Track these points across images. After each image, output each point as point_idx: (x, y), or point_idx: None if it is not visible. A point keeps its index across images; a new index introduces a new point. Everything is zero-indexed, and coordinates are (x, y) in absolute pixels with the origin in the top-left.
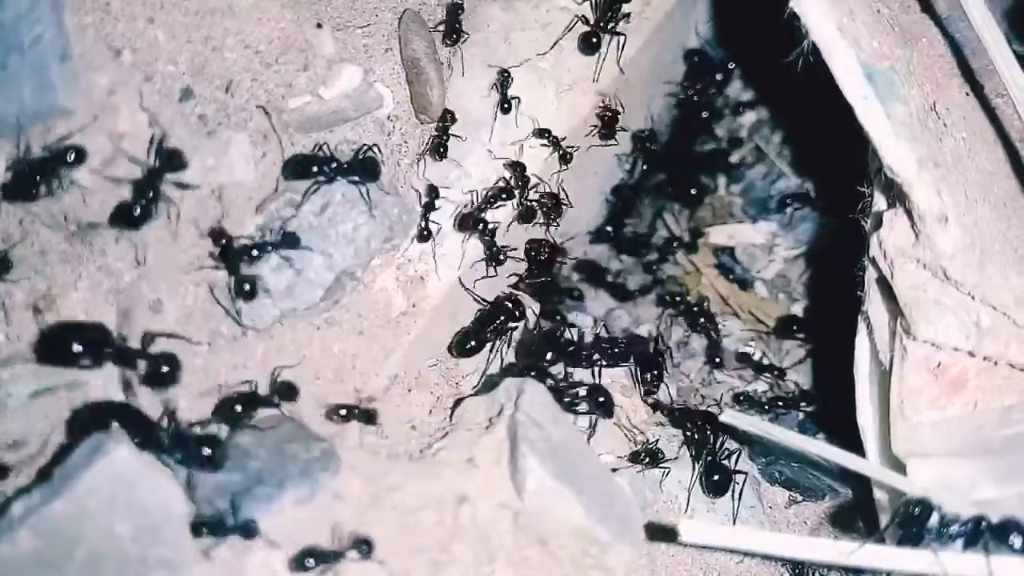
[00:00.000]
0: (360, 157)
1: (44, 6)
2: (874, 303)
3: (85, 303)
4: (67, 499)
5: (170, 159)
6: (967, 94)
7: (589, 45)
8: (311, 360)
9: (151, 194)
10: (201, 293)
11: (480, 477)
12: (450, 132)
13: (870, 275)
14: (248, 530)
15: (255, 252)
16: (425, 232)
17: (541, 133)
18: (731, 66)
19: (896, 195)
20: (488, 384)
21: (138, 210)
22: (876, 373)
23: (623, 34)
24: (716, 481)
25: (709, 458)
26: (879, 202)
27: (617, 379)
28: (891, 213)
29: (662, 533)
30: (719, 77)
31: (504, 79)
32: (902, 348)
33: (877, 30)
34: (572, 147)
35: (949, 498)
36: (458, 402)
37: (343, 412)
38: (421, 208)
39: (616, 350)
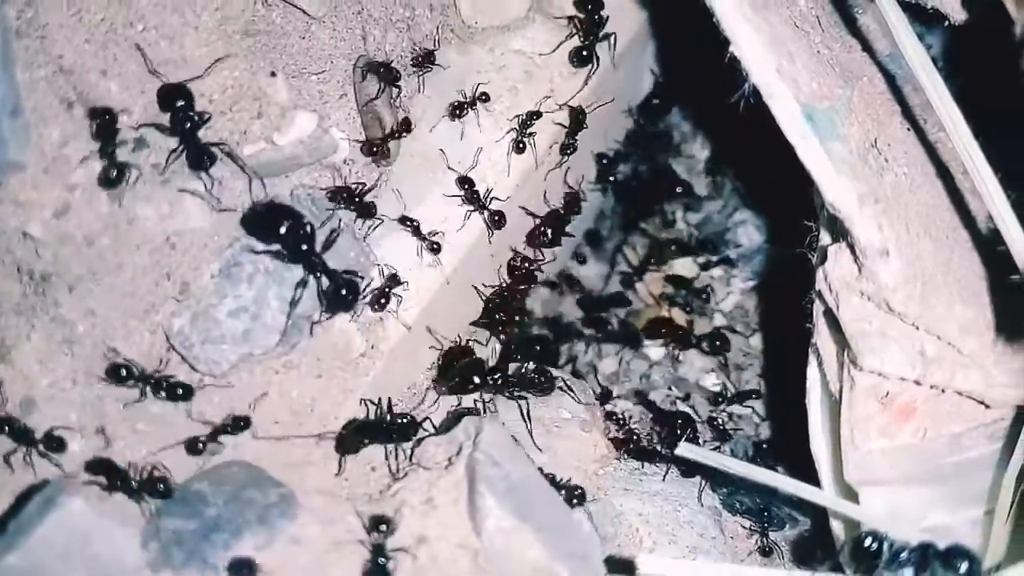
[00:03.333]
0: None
1: None
2: (822, 335)
3: (39, 353)
4: (21, 552)
5: None
6: (908, 129)
7: (581, 59)
8: (269, 404)
9: None
10: (157, 340)
11: (439, 517)
12: None
13: (818, 308)
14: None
15: None
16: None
17: (463, 182)
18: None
19: (839, 230)
20: (448, 423)
21: None
22: (827, 403)
23: (613, 33)
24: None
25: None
26: (824, 237)
27: (577, 414)
28: (835, 247)
29: (622, 567)
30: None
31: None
32: (850, 379)
33: (817, 71)
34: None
35: (900, 525)
36: (418, 442)
37: None
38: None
39: None
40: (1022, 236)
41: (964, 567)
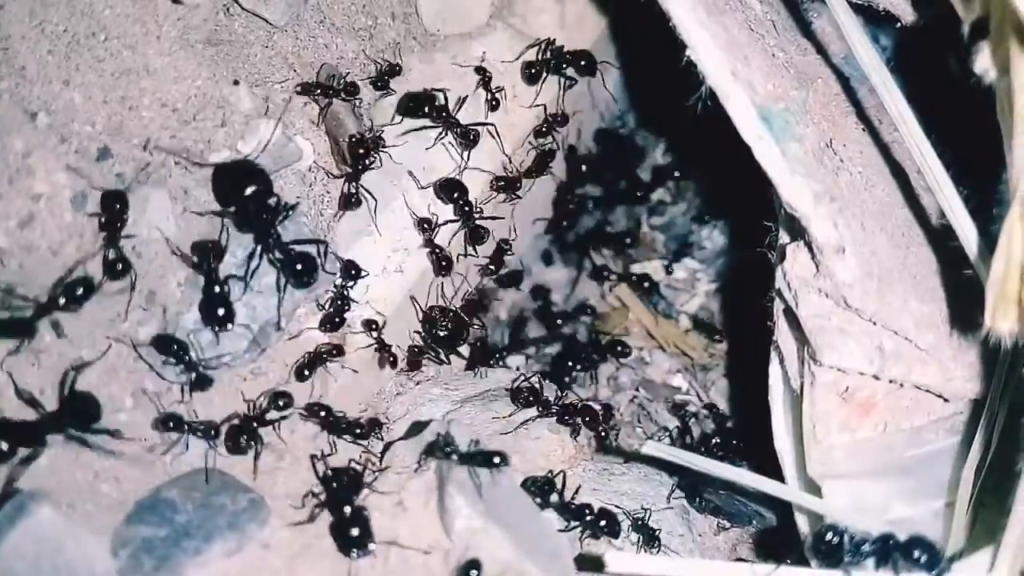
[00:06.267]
0: None
1: None
2: (783, 332)
3: (7, 366)
4: None
5: None
6: (863, 130)
7: (529, 77)
8: (238, 410)
9: None
10: (123, 350)
11: (410, 519)
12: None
13: (778, 306)
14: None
15: None
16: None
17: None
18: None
19: (796, 229)
20: (417, 427)
21: None
22: (789, 400)
23: (566, 75)
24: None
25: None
26: (783, 236)
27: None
28: (793, 246)
29: (591, 564)
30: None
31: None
32: (810, 374)
33: (772, 73)
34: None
35: (864, 518)
36: (388, 446)
37: None
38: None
39: None
40: (974, 232)
41: (924, 557)
